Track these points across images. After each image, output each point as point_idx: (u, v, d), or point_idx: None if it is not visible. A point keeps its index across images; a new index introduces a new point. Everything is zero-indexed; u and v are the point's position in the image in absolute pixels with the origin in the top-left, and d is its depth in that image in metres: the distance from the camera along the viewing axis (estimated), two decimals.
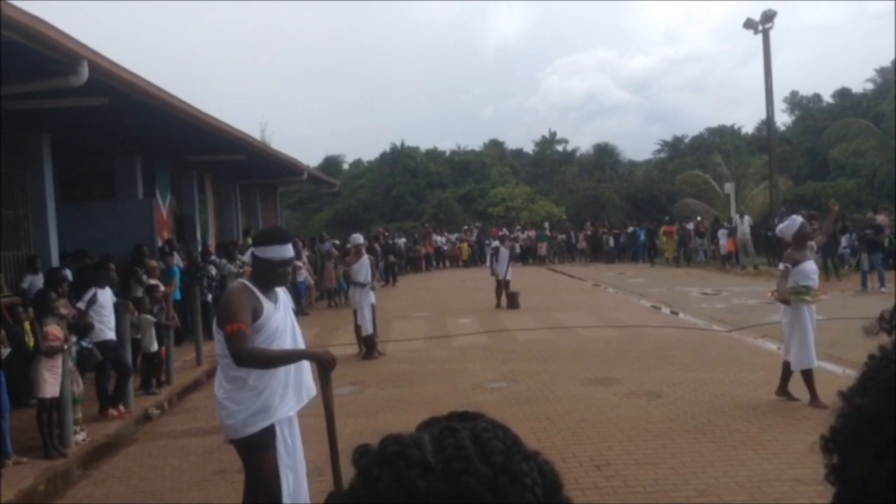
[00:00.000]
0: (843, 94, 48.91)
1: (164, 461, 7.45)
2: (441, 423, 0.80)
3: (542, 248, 33.94)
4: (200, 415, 9.17)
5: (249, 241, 15.73)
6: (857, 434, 0.78)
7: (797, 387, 7.94)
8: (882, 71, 47.40)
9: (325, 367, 4.00)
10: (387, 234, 32.71)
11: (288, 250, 4.15)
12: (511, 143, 59.68)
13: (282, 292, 4.26)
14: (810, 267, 8.01)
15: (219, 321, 3.99)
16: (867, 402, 0.78)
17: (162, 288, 11.23)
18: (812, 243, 8.42)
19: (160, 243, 15.05)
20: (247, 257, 14.10)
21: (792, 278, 7.92)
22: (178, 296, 13.29)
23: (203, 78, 76.35)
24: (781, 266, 8.29)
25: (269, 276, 4.09)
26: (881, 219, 20.55)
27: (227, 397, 3.96)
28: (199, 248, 16.95)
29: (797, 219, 8.45)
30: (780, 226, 8.83)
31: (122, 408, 9.06)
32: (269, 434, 3.97)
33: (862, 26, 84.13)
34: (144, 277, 11.64)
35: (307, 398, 4.23)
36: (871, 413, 0.77)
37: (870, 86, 47.25)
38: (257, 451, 3.96)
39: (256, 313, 3.95)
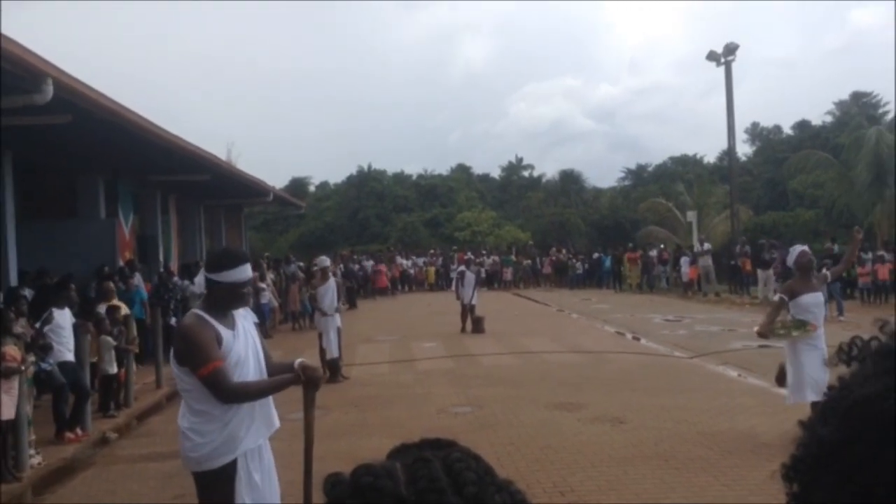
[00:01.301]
0: (802, 126, 49.99)
1: (122, 486, 7.30)
2: (413, 452, 0.80)
3: (508, 273, 34.07)
4: (159, 439, 9.01)
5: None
6: (818, 463, 0.80)
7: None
8: (840, 104, 48.66)
9: (311, 384, 3.83)
10: (354, 256, 32.55)
11: (248, 269, 3.98)
12: (478, 168, 59.89)
13: (240, 312, 4.05)
14: (809, 300, 7.53)
15: (181, 359, 3.80)
16: (827, 431, 0.80)
17: (123, 310, 11.06)
18: (826, 273, 8.26)
19: (121, 264, 14.84)
20: (199, 280, 13.91)
21: (792, 311, 7.58)
22: (140, 314, 13.10)
23: (170, 97, 75.74)
24: (776, 297, 8.17)
25: (230, 300, 3.92)
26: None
27: (192, 429, 3.81)
28: (163, 270, 16.74)
29: (798, 247, 8.04)
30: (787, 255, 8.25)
31: (79, 431, 8.87)
32: (231, 467, 3.82)
33: (821, 61, 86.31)
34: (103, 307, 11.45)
35: (277, 426, 4.11)
36: (831, 442, 0.79)
37: (828, 118, 48.45)
38: (217, 485, 3.81)
39: (217, 345, 3.80)
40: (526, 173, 56.44)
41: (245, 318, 4.06)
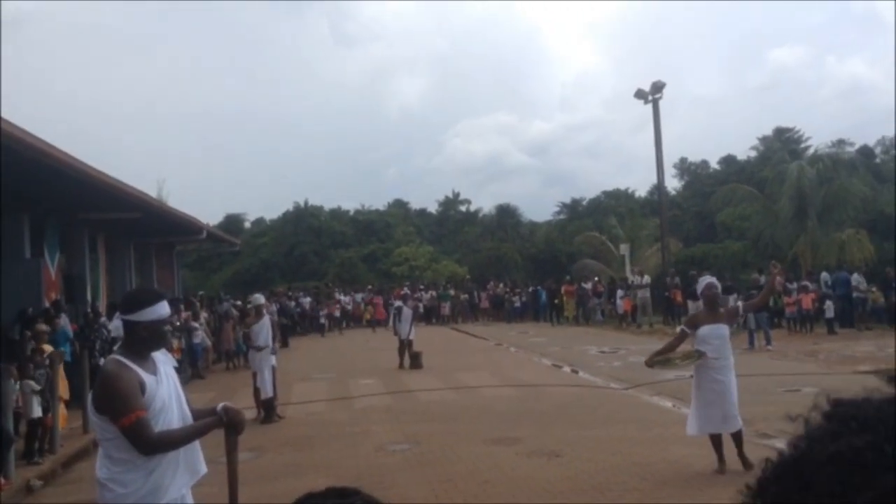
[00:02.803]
0: (728, 160, 51.78)
1: None
2: (317, 503, 0.80)
3: (446, 308, 34.11)
4: (86, 485, 8.67)
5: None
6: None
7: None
8: (764, 139, 50.65)
9: (233, 428, 3.76)
10: (290, 292, 32.13)
11: (166, 306, 3.88)
12: (415, 203, 60.05)
13: (159, 355, 3.91)
14: (709, 331, 7.57)
15: (101, 408, 3.63)
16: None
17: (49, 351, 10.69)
18: (738, 305, 8.35)
19: (47, 304, 14.38)
20: (116, 325, 13.47)
21: (696, 342, 7.63)
22: (67, 358, 12.67)
23: (98, 135, 73.97)
24: (678, 328, 8.39)
25: (152, 340, 3.79)
26: None
27: (113, 479, 3.62)
28: (90, 309, 16.28)
29: (706, 278, 8.14)
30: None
31: (1, 479, 8.50)
32: None
33: (745, 98, 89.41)
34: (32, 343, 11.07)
35: (203, 472, 3.99)
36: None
37: (753, 153, 50.42)
38: None
39: (141, 391, 3.65)
40: (463, 208, 56.87)
41: (165, 363, 3.93)
